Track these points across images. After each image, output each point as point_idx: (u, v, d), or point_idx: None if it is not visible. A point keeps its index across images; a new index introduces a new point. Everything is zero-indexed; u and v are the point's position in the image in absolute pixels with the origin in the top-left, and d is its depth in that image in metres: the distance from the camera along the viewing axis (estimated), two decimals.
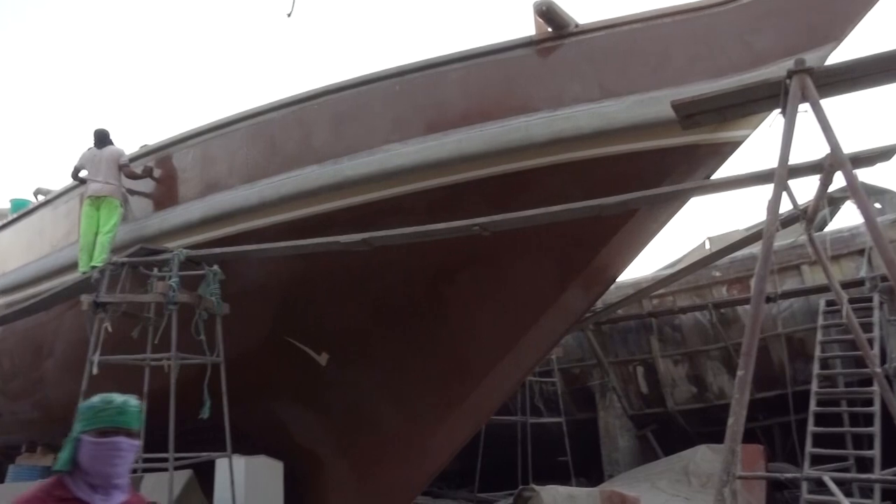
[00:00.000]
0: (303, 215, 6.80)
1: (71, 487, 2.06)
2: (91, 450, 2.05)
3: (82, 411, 2.14)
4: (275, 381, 8.06)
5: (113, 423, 2.08)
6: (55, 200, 9.36)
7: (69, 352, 9.46)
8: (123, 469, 2.11)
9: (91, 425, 2.08)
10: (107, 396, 2.15)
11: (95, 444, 2.05)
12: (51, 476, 2.13)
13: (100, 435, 2.06)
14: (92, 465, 2.05)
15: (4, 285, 10.13)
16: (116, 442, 2.07)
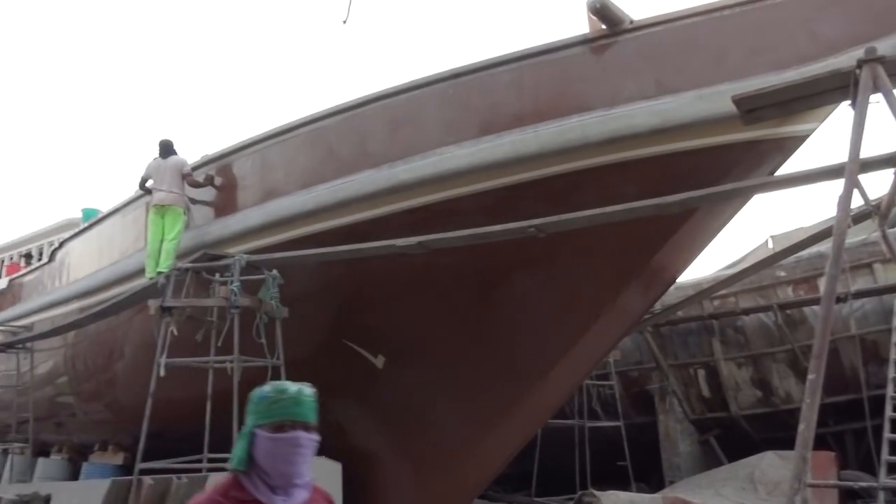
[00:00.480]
0: (359, 219, 6.87)
1: (248, 487, 1.86)
2: (267, 446, 1.84)
3: (254, 402, 1.91)
4: (332, 383, 8.13)
5: (289, 415, 1.87)
6: (123, 209, 9.75)
7: (137, 355, 9.84)
8: (305, 467, 1.89)
9: (265, 418, 1.86)
10: (279, 385, 1.94)
11: (272, 440, 1.83)
12: (225, 476, 1.94)
13: (276, 429, 1.84)
14: (270, 463, 1.84)
15: (78, 291, 10.61)
16: (294, 438, 1.86)
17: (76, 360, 11.54)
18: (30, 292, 13.01)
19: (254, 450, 1.85)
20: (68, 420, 12.76)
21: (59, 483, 10.03)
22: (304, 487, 1.93)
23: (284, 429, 1.84)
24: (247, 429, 1.88)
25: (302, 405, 1.90)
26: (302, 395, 1.92)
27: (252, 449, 1.85)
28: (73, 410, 12.43)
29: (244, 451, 1.86)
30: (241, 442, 1.87)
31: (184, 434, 7.24)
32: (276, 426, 1.84)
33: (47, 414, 12.44)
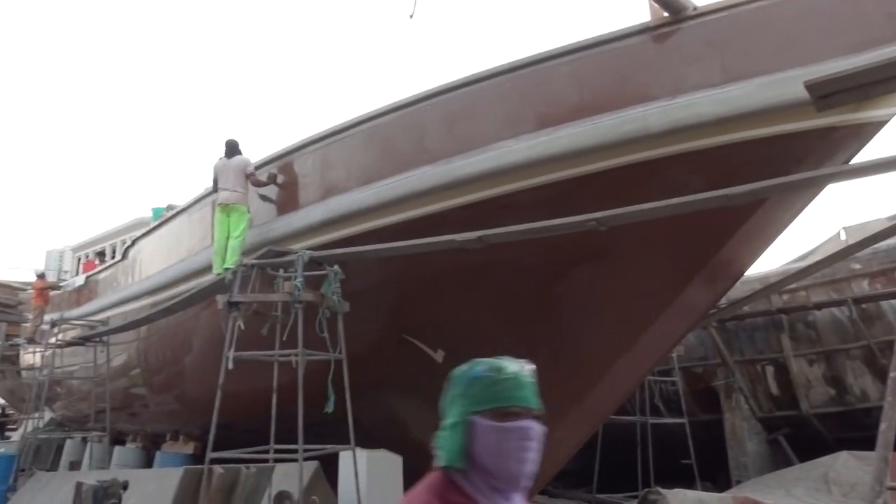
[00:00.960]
0: (418, 215, 6.91)
1: (466, 488, 1.51)
2: (492, 439, 1.49)
3: (465, 383, 1.57)
4: (393, 378, 8.27)
5: (515, 399, 1.52)
6: (190, 208, 10.09)
7: (204, 348, 10.18)
8: (533, 466, 1.53)
9: (485, 403, 1.51)
10: (495, 363, 1.59)
11: (499, 430, 1.49)
12: (434, 474, 1.58)
13: (500, 417, 1.50)
14: (495, 460, 1.49)
15: (149, 287, 11.06)
16: (525, 428, 1.51)
17: (148, 353, 12.04)
18: (105, 288, 13.63)
19: (471, 443, 1.50)
20: (141, 410, 13.34)
21: (136, 470, 10.49)
22: (525, 489, 1.57)
23: (510, 417, 1.50)
24: (457, 417, 1.53)
25: (526, 387, 1.57)
26: (525, 376, 1.58)
27: (468, 441, 1.50)
28: (146, 401, 12.98)
29: (460, 444, 1.51)
30: (454, 433, 1.53)
31: (249, 425, 7.46)
32: (500, 413, 1.50)
33: (122, 404, 13.04)
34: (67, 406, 16.49)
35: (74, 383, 14.69)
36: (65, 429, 16.26)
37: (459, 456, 1.51)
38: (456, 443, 1.52)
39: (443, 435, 1.57)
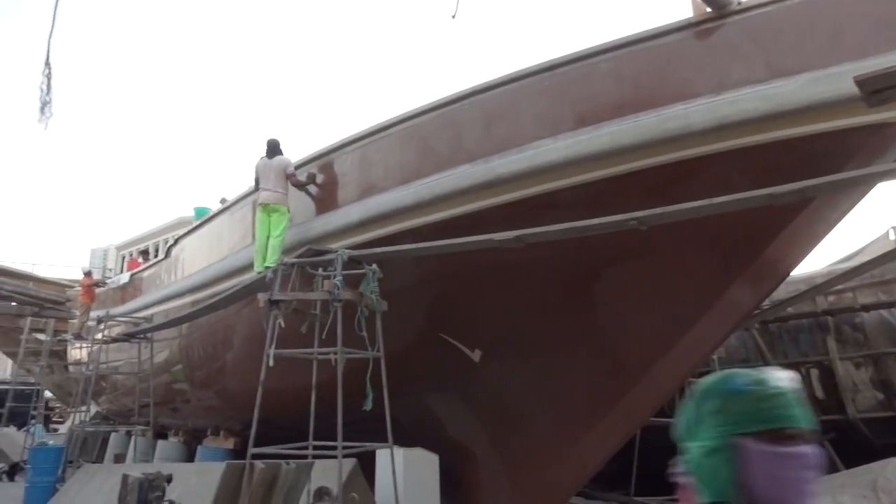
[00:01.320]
0: (456, 214, 6.92)
1: None
2: (770, 467, 1.24)
3: (727, 398, 1.30)
4: (430, 376, 8.30)
5: (792, 420, 1.26)
6: (231, 207, 10.27)
7: (245, 345, 10.36)
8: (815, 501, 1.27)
9: (757, 424, 1.26)
10: (758, 375, 1.32)
11: (777, 456, 1.24)
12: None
13: (776, 441, 1.24)
14: (773, 492, 1.23)
15: (191, 285, 11.30)
16: (805, 454, 1.25)
17: (189, 349, 12.30)
18: (148, 286, 13.97)
19: (742, 472, 1.25)
20: (183, 406, 13.63)
21: (179, 464, 10.72)
22: None
23: (788, 440, 1.25)
24: (716, 439, 1.28)
25: (798, 404, 1.29)
26: (795, 390, 1.31)
27: (738, 470, 1.25)
28: (187, 397, 13.26)
29: (728, 474, 1.25)
30: (717, 460, 1.27)
31: (287, 421, 7.57)
32: (775, 436, 1.25)
33: (164, 399, 13.34)
34: (112, 400, 16.96)
35: (119, 378, 15.09)
36: (110, 422, 16.74)
37: (729, 488, 1.25)
38: (723, 472, 1.25)
39: (698, 462, 1.29)
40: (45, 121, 5.01)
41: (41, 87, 4.93)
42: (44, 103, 5.01)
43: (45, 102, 5.01)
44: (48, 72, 4.93)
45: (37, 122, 4.97)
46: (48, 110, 5.03)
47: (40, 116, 5.00)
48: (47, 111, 5.02)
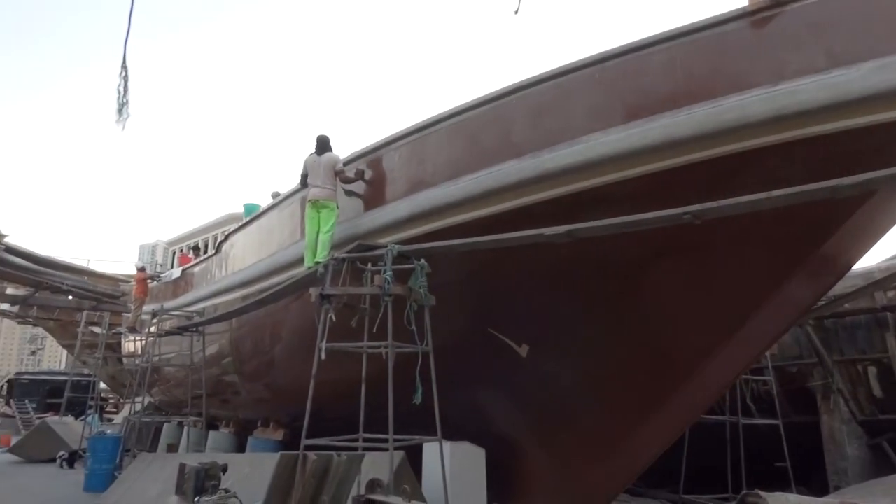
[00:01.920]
0: (504, 209, 6.92)
1: None
2: None
3: None
4: (477, 371, 8.33)
5: None
6: (280, 203, 10.45)
7: (294, 339, 10.54)
8: None
9: None
10: None
11: None
12: None
13: None
14: None
15: (241, 280, 11.54)
16: None
17: (239, 343, 12.58)
18: (199, 281, 14.33)
19: None
20: (233, 397, 13.95)
21: (232, 454, 10.98)
22: None
23: None
24: None
25: None
26: None
27: None
28: (237, 389, 13.56)
29: None
30: None
31: (334, 414, 7.68)
32: None
33: (214, 391, 13.68)
34: (164, 392, 17.46)
35: (170, 370, 15.51)
36: (162, 413, 17.24)
37: None
38: None
39: None
40: (122, 121, 5.21)
41: (118, 88, 5.12)
42: (121, 105, 5.20)
43: (123, 104, 5.20)
44: (125, 74, 5.12)
45: (115, 122, 5.17)
46: (125, 111, 5.22)
47: (118, 117, 5.19)
48: (125, 112, 5.21)
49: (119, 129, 5.24)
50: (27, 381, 30.73)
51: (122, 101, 5.23)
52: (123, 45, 5.13)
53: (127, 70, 5.14)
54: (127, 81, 5.17)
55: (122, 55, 5.10)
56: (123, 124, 5.23)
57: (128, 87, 5.19)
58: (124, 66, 5.10)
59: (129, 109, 5.25)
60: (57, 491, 12.59)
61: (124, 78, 5.16)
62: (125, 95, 5.22)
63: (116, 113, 5.20)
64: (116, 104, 5.19)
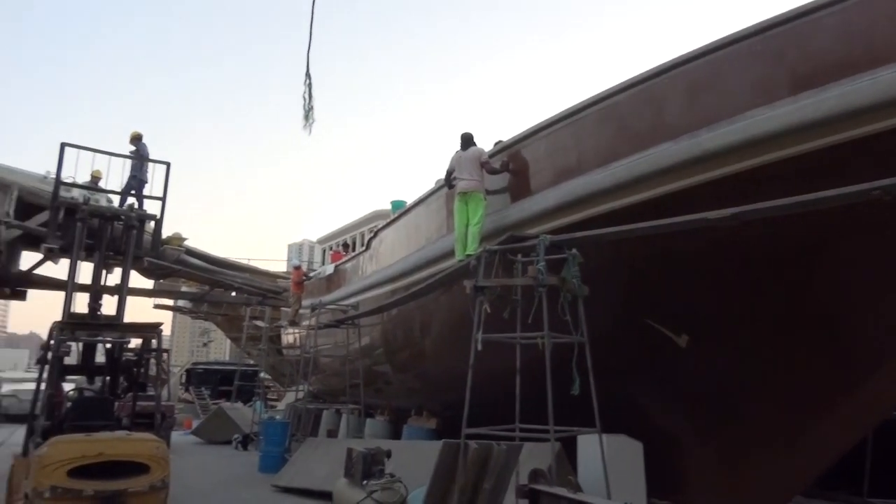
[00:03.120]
0: (659, 194, 6.66)
1: None
2: None
3: None
4: (633, 361, 8.10)
5: None
6: (427, 199, 10.75)
7: (443, 331, 10.83)
8: None
9: None
10: None
11: None
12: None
13: None
14: None
15: (391, 274, 12.03)
16: None
17: (390, 334, 13.12)
18: (351, 276, 15.11)
19: None
20: (385, 387, 14.59)
21: (392, 441, 11.47)
22: None
23: None
24: None
25: None
26: None
27: None
28: (389, 379, 14.17)
29: None
30: None
31: (487, 403, 7.78)
32: None
33: (368, 381, 14.37)
34: (321, 381, 18.60)
35: (325, 361, 16.49)
36: (320, 401, 18.37)
37: None
38: None
39: None
40: (308, 126, 5.63)
41: (304, 96, 5.55)
42: (307, 110, 5.62)
43: (308, 109, 5.63)
44: (309, 82, 5.53)
45: (301, 129, 5.60)
46: (311, 116, 5.64)
47: (304, 123, 5.62)
48: (311, 117, 5.63)
49: (306, 133, 5.65)
50: (202, 370, 33.96)
51: (308, 107, 5.63)
52: (306, 56, 5.51)
53: (310, 78, 5.53)
54: (311, 89, 5.56)
55: (306, 65, 5.49)
56: (310, 129, 5.63)
57: (312, 94, 5.58)
58: (308, 75, 5.48)
59: (314, 115, 5.64)
60: (235, 469, 13.83)
61: (308, 86, 5.55)
62: (310, 102, 5.61)
63: (303, 119, 5.60)
64: (303, 110, 5.60)
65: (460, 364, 7.47)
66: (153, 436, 7.11)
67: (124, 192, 10.92)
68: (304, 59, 5.84)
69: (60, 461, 6.11)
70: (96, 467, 6.23)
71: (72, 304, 9.00)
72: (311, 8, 5.48)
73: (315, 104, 6.02)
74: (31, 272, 14.38)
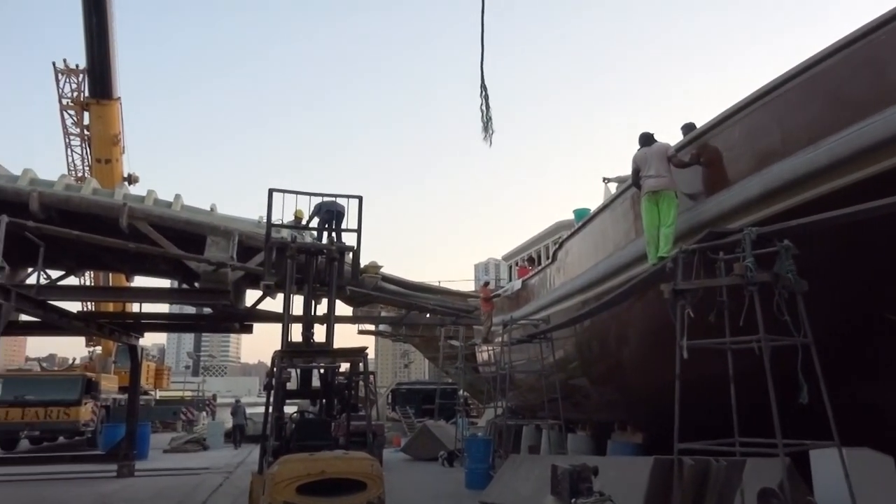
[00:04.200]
0: (889, 166, 5.73)
1: None
2: None
3: None
4: (870, 363, 7.05)
5: None
6: (611, 204, 10.33)
7: (642, 339, 10.27)
8: None
9: None
10: None
11: None
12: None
13: None
14: None
15: (580, 285, 11.71)
16: None
17: (584, 346, 12.73)
18: (539, 290, 14.98)
19: None
20: (583, 401, 14.17)
21: (599, 457, 11.05)
22: None
23: None
24: None
25: None
26: None
27: None
28: (587, 392, 13.74)
29: None
30: None
31: (697, 415, 7.16)
32: None
33: (565, 395, 14.05)
34: (518, 396, 18.58)
35: (520, 376, 16.44)
36: (519, 417, 18.37)
37: None
38: None
39: None
40: (489, 137, 5.71)
41: (480, 108, 5.65)
42: (486, 121, 5.71)
43: (487, 120, 5.72)
44: (485, 94, 5.62)
45: (482, 140, 5.69)
46: (490, 127, 5.72)
47: (484, 135, 5.71)
48: (490, 128, 5.72)
49: (486, 145, 5.69)
50: (405, 390, 35.90)
51: (486, 118, 5.68)
52: (480, 66, 5.56)
53: (486, 90, 5.58)
54: (488, 100, 5.61)
55: (480, 75, 5.55)
56: (490, 140, 5.68)
57: (489, 105, 5.62)
58: (483, 86, 5.53)
59: (493, 125, 5.68)
60: (444, 486, 14.23)
61: (485, 97, 5.60)
62: (488, 113, 5.66)
63: (482, 130, 5.66)
64: (481, 122, 5.66)
65: (663, 374, 6.98)
66: (367, 454, 7.49)
67: (321, 227, 11.83)
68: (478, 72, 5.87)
69: (289, 478, 6.64)
70: (318, 484, 6.68)
71: (289, 334, 9.84)
72: (482, 16, 5.51)
73: (492, 114, 6.04)
74: (254, 307, 16.11)
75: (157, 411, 33.11)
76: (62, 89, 25.51)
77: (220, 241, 13.04)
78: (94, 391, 25.23)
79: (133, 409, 18.68)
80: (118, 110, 24.68)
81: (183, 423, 32.99)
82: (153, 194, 13.62)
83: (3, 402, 21.76)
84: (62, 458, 19.67)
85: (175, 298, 18.24)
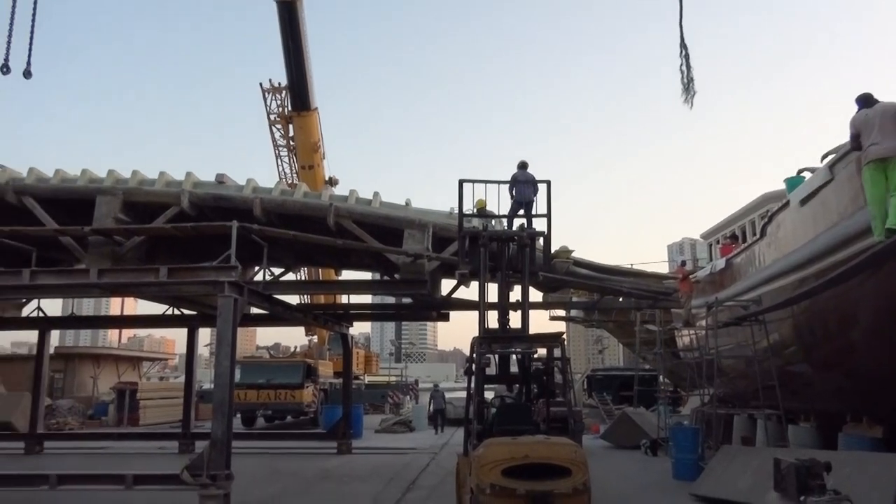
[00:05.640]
0: None
1: None
2: None
3: None
4: None
5: None
6: (834, 167, 9.19)
7: (877, 319, 9.06)
8: None
9: None
10: None
11: None
12: None
13: None
14: None
15: (795, 261, 10.58)
16: None
17: (804, 329, 11.48)
18: (745, 268, 13.79)
19: None
20: (803, 389, 12.82)
21: (831, 452, 9.92)
22: None
23: None
24: None
25: None
26: None
27: None
28: (808, 379, 12.41)
29: None
30: None
31: None
32: None
33: (781, 382, 12.81)
34: (725, 383, 17.32)
35: (728, 362, 15.29)
36: (728, 405, 17.12)
37: None
38: None
39: None
40: (690, 99, 5.39)
41: (681, 68, 5.34)
42: (686, 82, 5.39)
43: (689, 81, 5.39)
44: (685, 53, 5.29)
45: (682, 102, 5.37)
46: (692, 88, 5.39)
47: (685, 96, 5.39)
48: (691, 89, 5.39)
49: (687, 107, 5.35)
50: (601, 376, 35.20)
51: (688, 78, 5.34)
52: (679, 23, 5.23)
53: (687, 49, 5.23)
54: (689, 59, 5.26)
55: (679, 34, 5.21)
56: (691, 102, 5.33)
57: (690, 65, 5.27)
58: (683, 45, 5.20)
59: (695, 86, 5.32)
60: (649, 475, 13.72)
61: (685, 57, 5.26)
62: (689, 73, 5.32)
63: (683, 92, 5.33)
64: (681, 83, 5.34)
65: None
66: (570, 440, 7.42)
67: (511, 214, 11.93)
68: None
69: (495, 461, 6.78)
70: (522, 468, 6.74)
71: (485, 321, 10.05)
72: None
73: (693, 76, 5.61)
74: (450, 296, 16.72)
75: (367, 395, 36.02)
76: (269, 106, 28.45)
77: (416, 234, 13.71)
78: (313, 376, 28.13)
79: (347, 392, 20.37)
80: (317, 120, 27.07)
81: (390, 405, 35.47)
82: (355, 193, 14.65)
83: (242, 385, 24.98)
84: (291, 434, 22.13)
85: (378, 289, 19.58)
